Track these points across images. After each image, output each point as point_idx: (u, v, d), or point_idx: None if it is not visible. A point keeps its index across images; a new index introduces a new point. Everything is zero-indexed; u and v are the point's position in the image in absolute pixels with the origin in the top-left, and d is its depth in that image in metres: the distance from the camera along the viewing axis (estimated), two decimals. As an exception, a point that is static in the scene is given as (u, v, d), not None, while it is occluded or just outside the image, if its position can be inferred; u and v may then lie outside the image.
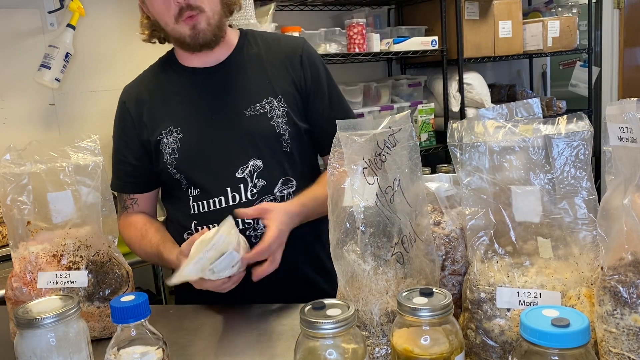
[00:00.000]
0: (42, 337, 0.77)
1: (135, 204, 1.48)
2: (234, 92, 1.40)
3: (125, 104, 1.49)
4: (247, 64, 1.43)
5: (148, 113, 1.43)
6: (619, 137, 0.73)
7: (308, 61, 1.44)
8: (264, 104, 1.37)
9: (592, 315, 0.77)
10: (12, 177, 1.08)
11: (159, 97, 1.45)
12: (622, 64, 4.10)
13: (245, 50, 1.45)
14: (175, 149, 1.38)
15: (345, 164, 0.89)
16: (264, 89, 1.39)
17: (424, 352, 0.72)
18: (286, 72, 1.42)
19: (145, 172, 1.45)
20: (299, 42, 1.48)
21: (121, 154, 1.48)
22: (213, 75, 1.43)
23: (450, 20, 3.13)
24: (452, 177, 0.99)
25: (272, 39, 1.49)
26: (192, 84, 1.43)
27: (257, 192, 1.34)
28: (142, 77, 1.57)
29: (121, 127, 1.49)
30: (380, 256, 0.88)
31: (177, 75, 1.47)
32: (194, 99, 1.42)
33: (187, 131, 1.38)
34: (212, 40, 1.37)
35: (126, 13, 2.75)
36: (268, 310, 1.20)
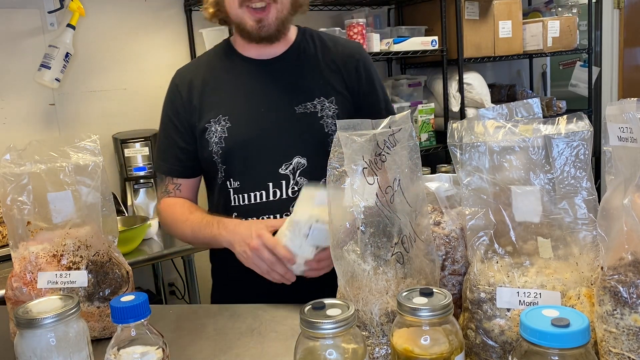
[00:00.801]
0: (42, 337, 0.77)
1: (178, 189, 1.47)
2: (287, 88, 1.40)
3: (178, 87, 1.48)
4: (303, 61, 1.43)
5: (199, 98, 1.42)
6: (619, 137, 0.73)
7: (364, 67, 1.44)
8: (315, 103, 1.37)
9: (592, 315, 0.77)
10: (12, 177, 1.08)
11: (212, 83, 1.44)
12: (622, 64, 4.10)
13: (302, 47, 1.45)
14: (222, 138, 1.37)
15: (345, 164, 0.89)
16: (317, 88, 1.39)
17: (424, 352, 0.72)
18: (341, 75, 1.42)
19: (191, 157, 1.45)
20: (357, 47, 1.49)
21: (170, 137, 1.46)
22: (268, 68, 1.42)
23: (450, 20, 3.13)
24: (452, 177, 0.99)
25: (330, 39, 1.49)
26: (246, 74, 1.43)
27: (298, 190, 1.34)
28: (196, 62, 1.56)
29: (171, 110, 1.47)
30: (380, 256, 0.88)
31: (232, 64, 1.45)
32: (246, 89, 1.41)
33: (235, 121, 1.37)
34: (274, 35, 1.36)
35: (126, 13, 2.75)
36: (268, 310, 1.20)
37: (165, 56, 2.87)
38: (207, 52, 1.55)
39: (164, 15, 2.85)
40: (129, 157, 2.59)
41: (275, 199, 1.35)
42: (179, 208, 1.43)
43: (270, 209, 1.36)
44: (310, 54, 1.44)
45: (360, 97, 1.43)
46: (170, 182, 1.47)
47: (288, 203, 1.34)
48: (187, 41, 2.91)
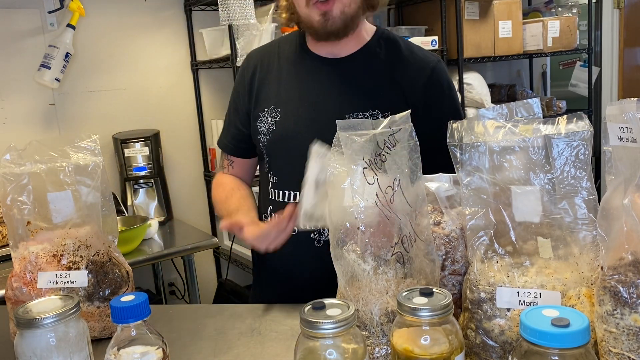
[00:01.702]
0: (42, 337, 0.77)
1: (231, 166, 1.50)
2: (343, 92, 1.36)
3: (245, 69, 1.48)
4: (369, 66, 1.37)
5: (259, 86, 1.43)
6: (619, 137, 0.73)
7: (434, 84, 1.35)
8: (367, 114, 1.32)
9: (592, 315, 0.77)
10: (12, 177, 1.08)
11: (274, 72, 1.43)
12: (622, 64, 4.10)
13: (373, 51, 1.39)
14: (270, 130, 1.38)
15: (345, 164, 0.89)
16: (374, 98, 1.33)
17: (424, 352, 0.72)
18: (404, 90, 1.34)
19: (244, 139, 1.46)
20: (432, 61, 1.38)
21: (231, 115, 1.50)
22: (331, 68, 1.39)
23: (450, 20, 3.13)
24: (452, 177, 0.99)
25: (406, 47, 1.40)
26: (307, 69, 1.41)
27: None
28: (267, 47, 1.53)
29: (235, 91, 1.50)
30: (380, 256, 0.88)
31: (297, 57, 1.43)
32: (303, 85, 1.40)
33: (285, 115, 1.37)
34: (341, 30, 1.32)
35: (126, 13, 2.75)
36: (268, 310, 1.20)
37: (165, 56, 2.87)
38: (281, 38, 1.53)
39: (164, 15, 2.85)
40: (129, 157, 2.59)
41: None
42: (220, 192, 1.46)
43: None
44: (379, 59, 1.37)
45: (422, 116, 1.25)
46: (225, 157, 1.52)
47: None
48: (187, 41, 2.91)
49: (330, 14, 1.29)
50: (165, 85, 2.89)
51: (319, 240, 1.33)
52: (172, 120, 2.91)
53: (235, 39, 2.54)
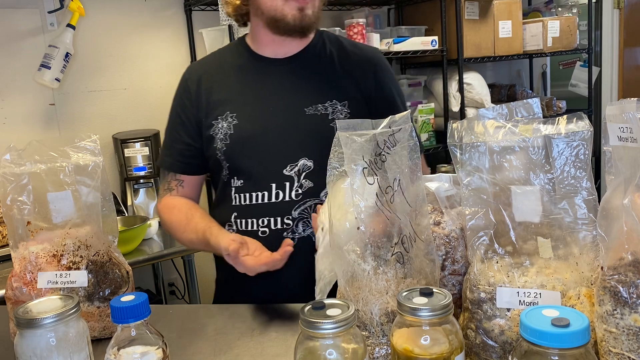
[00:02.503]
0: (42, 337, 0.77)
1: (181, 185, 1.45)
2: (298, 88, 1.38)
3: (187, 82, 1.46)
4: (318, 62, 1.41)
5: (208, 94, 1.41)
6: (619, 137, 0.73)
7: (382, 73, 1.43)
8: (326, 105, 1.35)
9: (592, 315, 0.77)
10: (12, 177, 1.08)
11: (222, 80, 1.43)
12: (622, 64, 4.11)
13: (318, 48, 1.43)
14: (227, 135, 1.36)
15: (345, 164, 0.89)
16: (330, 90, 1.37)
17: (424, 352, 0.72)
18: (357, 79, 1.40)
19: (197, 154, 1.43)
20: (376, 53, 1.47)
21: (176, 132, 1.45)
22: (281, 67, 1.41)
23: (450, 20, 3.13)
24: (452, 177, 0.99)
25: (347, 43, 1.47)
26: (258, 72, 1.42)
27: (302, 193, 1.32)
28: (207, 59, 1.54)
29: (180, 105, 1.46)
30: (380, 256, 0.88)
31: (245, 61, 1.44)
32: (256, 87, 1.40)
33: (242, 118, 1.36)
34: (312, 26, 1.36)
35: (126, 13, 2.75)
36: (268, 310, 1.20)
37: (165, 56, 2.87)
38: (220, 49, 1.54)
39: (164, 15, 2.85)
40: (129, 157, 2.59)
41: (277, 200, 1.32)
42: (177, 215, 1.40)
43: (271, 211, 1.33)
44: (326, 55, 1.42)
45: (376, 104, 1.40)
46: (173, 177, 1.46)
47: (290, 206, 1.31)
48: (187, 41, 2.91)
49: (306, 10, 1.32)
50: (165, 85, 2.89)
51: (293, 238, 1.32)
52: (172, 120, 2.91)
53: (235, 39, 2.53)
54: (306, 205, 1.32)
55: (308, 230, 1.32)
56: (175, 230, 1.41)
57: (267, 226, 1.33)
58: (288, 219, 1.31)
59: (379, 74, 1.42)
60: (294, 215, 1.32)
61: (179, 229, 1.39)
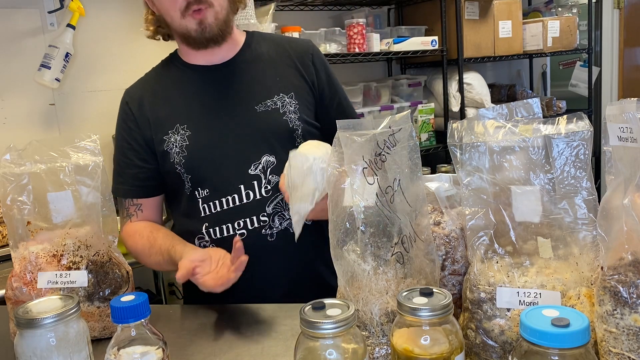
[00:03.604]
0: (42, 337, 0.77)
1: (139, 209, 1.42)
2: (243, 89, 1.39)
3: (128, 104, 1.45)
4: (256, 61, 1.42)
5: (152, 112, 1.40)
6: (619, 137, 0.73)
7: (319, 61, 1.46)
8: (275, 100, 1.37)
9: (592, 315, 0.77)
10: (12, 177, 1.08)
11: (163, 96, 1.43)
12: (622, 64, 4.11)
13: (252, 49, 1.44)
14: (183, 147, 1.35)
15: (345, 164, 0.89)
16: (274, 85, 1.39)
17: (424, 352, 0.72)
18: (297, 70, 1.42)
19: (150, 175, 1.40)
20: (308, 43, 1.50)
21: (126, 157, 1.42)
22: (220, 73, 1.41)
23: (450, 20, 3.13)
24: (452, 177, 0.99)
25: (280, 39, 1.51)
26: (198, 81, 1.42)
27: (271, 189, 1.33)
28: (144, 78, 1.54)
29: (124, 129, 1.43)
30: (380, 256, 0.88)
31: (181, 74, 1.45)
32: (201, 96, 1.40)
33: (195, 129, 1.36)
34: (218, 36, 1.36)
35: (126, 13, 2.75)
36: (268, 310, 1.20)
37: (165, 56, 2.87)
38: (155, 67, 1.55)
39: (164, 15, 2.85)
40: (129, 157, 2.58)
41: (249, 200, 1.32)
42: (139, 240, 1.37)
43: (245, 212, 1.32)
44: (261, 53, 1.44)
45: (319, 91, 1.43)
46: (130, 203, 1.42)
47: (263, 203, 1.32)
48: (187, 41, 2.91)
49: (206, 21, 1.32)
50: (165, 85, 2.89)
51: (271, 234, 1.32)
52: (172, 120, 2.91)
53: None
54: (278, 199, 1.33)
55: (285, 223, 1.33)
56: (141, 256, 1.38)
57: (244, 227, 1.33)
58: (264, 216, 1.32)
59: (317, 61, 1.45)
60: (268, 211, 1.33)
61: (144, 253, 1.36)
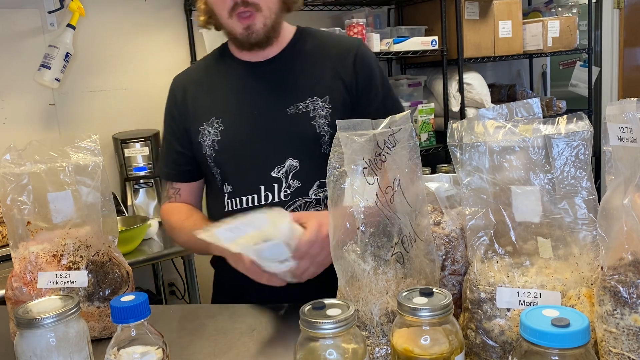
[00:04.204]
0: (42, 337, 0.77)
1: (178, 193, 1.47)
2: (279, 89, 1.38)
3: (174, 91, 1.49)
4: (297, 61, 1.40)
5: (193, 102, 1.43)
6: (619, 137, 0.73)
7: (362, 62, 1.39)
8: (307, 102, 1.35)
9: (592, 315, 0.77)
10: (12, 177, 1.08)
11: (207, 87, 1.44)
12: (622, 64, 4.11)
13: (297, 47, 1.42)
14: (215, 141, 1.36)
15: (345, 164, 0.89)
16: (309, 87, 1.36)
17: (424, 352, 0.72)
18: (336, 72, 1.38)
19: (187, 161, 1.44)
20: (355, 42, 1.44)
21: (168, 142, 1.48)
22: (262, 70, 1.40)
23: (450, 20, 3.13)
24: (452, 177, 0.99)
25: (327, 37, 1.46)
26: (240, 76, 1.42)
27: (290, 193, 1.32)
28: (194, 66, 1.56)
29: (169, 114, 1.48)
30: (380, 256, 0.88)
31: (227, 67, 1.45)
32: (239, 92, 1.40)
33: (228, 124, 1.36)
34: (264, 41, 1.35)
35: (126, 13, 2.75)
36: (268, 310, 1.20)
37: (165, 56, 2.87)
38: (205, 56, 1.55)
39: (164, 15, 2.85)
40: (129, 157, 2.59)
41: (267, 202, 1.32)
42: (175, 215, 1.42)
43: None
44: (305, 53, 1.42)
45: (357, 94, 1.38)
46: (170, 186, 1.48)
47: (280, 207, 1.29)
48: (187, 41, 2.91)
49: (253, 27, 1.31)
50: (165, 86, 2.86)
51: None
52: (172, 120, 2.91)
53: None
54: (296, 205, 1.32)
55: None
56: (175, 231, 1.42)
57: None
58: None
59: (359, 62, 1.39)
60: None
61: (177, 227, 1.40)
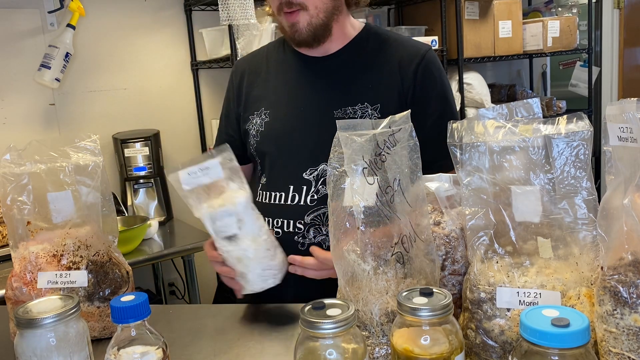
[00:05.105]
0: (42, 337, 0.77)
1: None
2: (330, 89, 1.34)
3: (233, 75, 1.50)
4: (356, 62, 1.35)
5: (248, 90, 1.43)
6: (619, 137, 0.73)
7: (424, 72, 1.30)
8: (356, 108, 1.29)
9: (592, 315, 0.77)
10: (12, 177, 1.08)
11: (262, 75, 1.43)
12: (622, 64, 4.10)
13: (361, 46, 1.36)
14: (259, 131, 1.37)
15: (345, 164, 0.89)
16: (362, 91, 1.30)
17: (424, 352, 0.72)
18: (393, 78, 1.30)
19: (237, 145, 1.43)
20: (421, 49, 1.34)
21: (222, 123, 1.51)
22: (318, 66, 1.37)
23: (450, 20, 3.13)
24: (452, 177, 0.99)
25: (394, 39, 1.37)
26: (295, 69, 1.40)
27: (317, 199, 1.28)
28: (255, 53, 1.55)
29: (226, 98, 1.51)
30: (380, 256, 0.88)
31: (285, 58, 1.43)
32: (292, 86, 1.38)
33: (274, 116, 1.36)
34: (310, 40, 1.31)
35: (126, 13, 2.75)
36: (268, 310, 1.20)
37: (165, 56, 2.87)
38: (269, 43, 1.54)
39: (164, 15, 2.85)
40: (129, 157, 2.59)
41: (293, 203, 1.30)
42: None
43: (286, 214, 1.31)
44: (368, 53, 1.34)
45: (411, 104, 1.29)
46: None
47: (304, 211, 1.29)
48: (187, 41, 2.91)
49: (297, 25, 1.29)
50: (165, 85, 2.89)
51: (302, 243, 1.30)
52: (172, 120, 2.91)
53: (235, 39, 2.54)
54: (319, 212, 1.29)
55: (319, 237, 1.29)
56: None
57: (280, 227, 1.32)
58: (300, 224, 1.29)
59: (421, 70, 1.30)
60: (306, 221, 1.29)
61: None
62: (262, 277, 1.09)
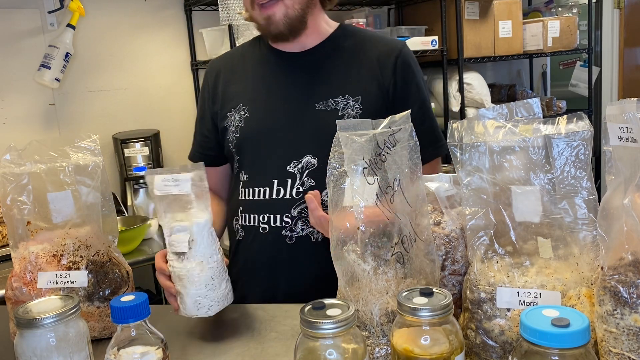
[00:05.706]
0: (42, 337, 0.77)
1: None
2: (310, 83, 1.35)
3: (207, 75, 1.50)
4: (334, 57, 1.37)
5: (224, 88, 1.43)
6: (619, 137, 0.73)
7: (402, 64, 1.35)
8: (338, 100, 1.31)
9: (592, 315, 0.77)
10: (12, 177, 1.08)
11: (239, 73, 1.43)
12: (622, 64, 4.10)
13: (336, 43, 1.38)
14: (238, 127, 1.36)
15: (345, 164, 0.89)
16: (343, 85, 1.32)
17: (424, 352, 0.72)
18: (373, 73, 1.33)
19: (213, 146, 1.45)
20: (398, 45, 1.39)
21: (198, 124, 1.51)
22: (295, 61, 1.38)
23: (450, 20, 3.13)
24: (452, 177, 0.99)
25: (370, 36, 1.41)
26: (273, 66, 1.41)
27: (303, 192, 1.29)
28: (231, 52, 1.57)
29: (201, 98, 1.50)
30: (380, 256, 0.88)
31: (261, 55, 1.44)
32: (270, 81, 1.39)
33: (253, 112, 1.36)
34: (287, 33, 1.32)
35: (126, 13, 2.75)
36: (268, 310, 1.20)
37: (165, 56, 2.87)
38: (244, 43, 1.55)
39: (164, 15, 2.85)
40: (129, 157, 2.59)
41: (278, 197, 1.31)
42: None
43: (272, 208, 1.32)
44: (345, 49, 1.37)
45: (393, 99, 1.33)
46: None
47: (290, 204, 1.30)
48: (187, 41, 2.91)
49: (273, 17, 1.29)
50: (165, 85, 2.89)
51: (290, 237, 1.31)
52: (172, 120, 2.91)
53: (235, 39, 2.54)
54: (306, 205, 1.29)
55: (307, 230, 1.31)
56: None
57: (267, 223, 1.32)
58: (287, 217, 1.30)
59: (399, 65, 1.34)
60: (293, 214, 1.30)
61: None
62: (196, 303, 1.05)
